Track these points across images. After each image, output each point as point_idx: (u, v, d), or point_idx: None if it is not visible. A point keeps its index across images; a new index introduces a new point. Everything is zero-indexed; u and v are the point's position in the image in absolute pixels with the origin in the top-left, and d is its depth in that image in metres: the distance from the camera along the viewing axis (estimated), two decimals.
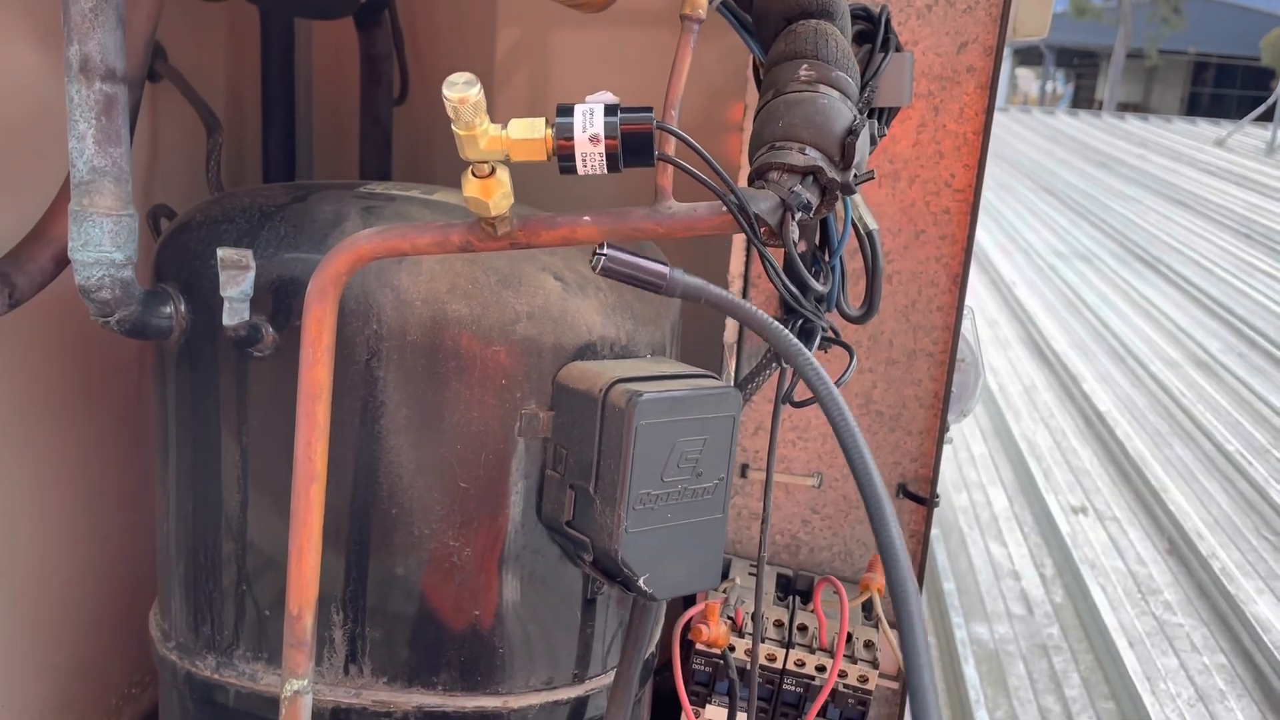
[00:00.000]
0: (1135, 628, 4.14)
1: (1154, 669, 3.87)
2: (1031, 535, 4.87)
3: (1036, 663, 3.90)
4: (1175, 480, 5.44)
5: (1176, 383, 6.94)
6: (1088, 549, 4.74)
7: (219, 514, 1.23)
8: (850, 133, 0.99)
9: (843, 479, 1.52)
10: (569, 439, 1.15)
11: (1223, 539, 4.86)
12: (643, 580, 1.12)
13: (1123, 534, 4.93)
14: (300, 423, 1.04)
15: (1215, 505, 5.19)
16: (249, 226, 1.18)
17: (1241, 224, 12.79)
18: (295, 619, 1.09)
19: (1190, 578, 4.58)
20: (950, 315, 1.43)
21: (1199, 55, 39.09)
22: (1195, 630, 4.17)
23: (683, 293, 0.95)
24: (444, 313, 1.13)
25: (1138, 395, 6.72)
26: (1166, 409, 6.49)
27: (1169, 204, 14.17)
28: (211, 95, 1.85)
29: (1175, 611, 4.30)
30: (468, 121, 0.89)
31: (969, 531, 4.87)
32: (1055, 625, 4.15)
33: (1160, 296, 9.28)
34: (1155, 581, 4.53)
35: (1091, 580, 4.44)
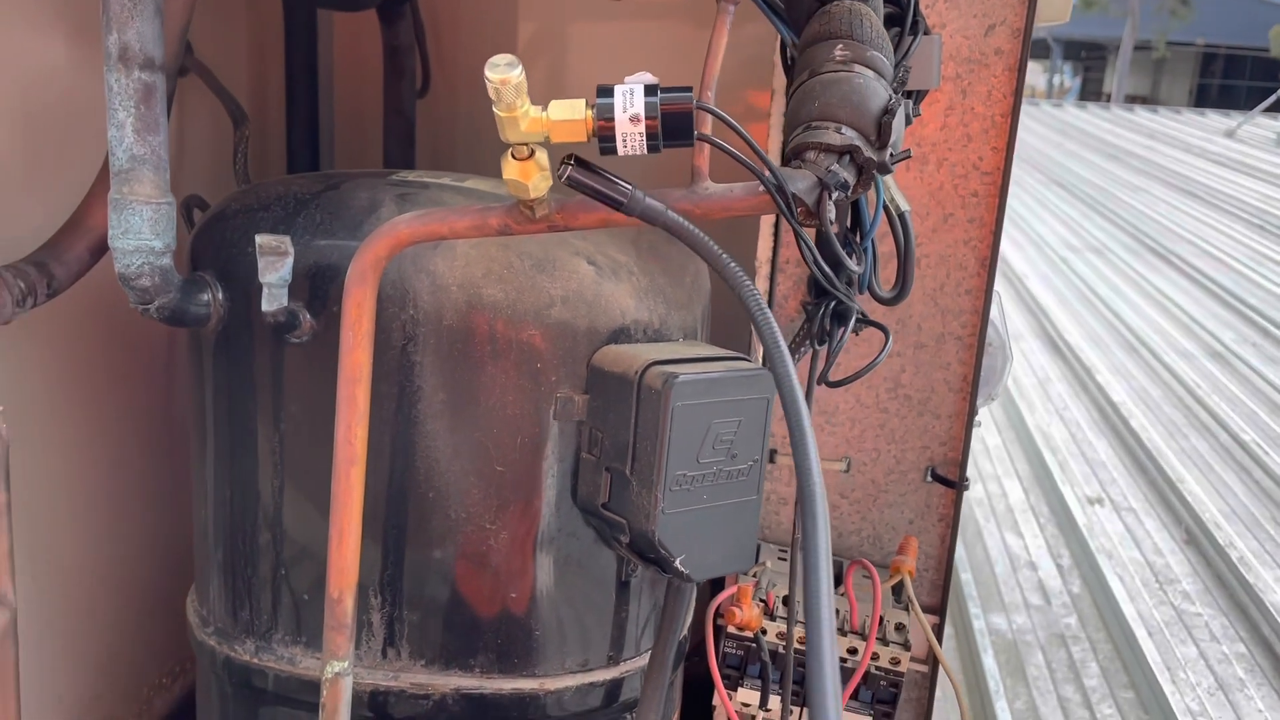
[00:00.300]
0: (1154, 617, 4.13)
1: (1173, 658, 3.86)
2: (1048, 526, 4.87)
3: (1055, 653, 3.90)
4: (1191, 471, 5.42)
5: (1191, 374, 6.92)
6: (1104, 539, 4.73)
7: (256, 500, 1.24)
8: (887, 112, 0.99)
9: (871, 463, 1.53)
10: (604, 422, 1.16)
11: (1240, 528, 4.84)
12: (679, 561, 1.13)
13: (1139, 524, 4.92)
14: (340, 406, 1.05)
15: (1232, 495, 5.18)
16: (284, 214, 1.19)
17: (1254, 215, 12.73)
18: (336, 602, 1.09)
19: (1208, 567, 4.57)
20: (979, 298, 1.43)
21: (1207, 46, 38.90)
22: (1214, 619, 4.16)
23: (642, 213, 0.94)
24: (479, 297, 1.14)
25: (1152, 386, 6.70)
26: (1181, 400, 6.47)
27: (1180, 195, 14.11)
28: (234, 88, 1.86)
29: (1193, 601, 4.29)
30: (509, 103, 0.89)
31: (985, 523, 4.86)
32: (1073, 615, 4.15)
33: (1173, 288, 9.25)
34: (1173, 571, 4.52)
35: (1109, 570, 4.43)
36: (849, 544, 1.56)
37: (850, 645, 1.41)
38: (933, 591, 1.55)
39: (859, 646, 1.41)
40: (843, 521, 1.56)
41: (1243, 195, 14.10)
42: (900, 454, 1.51)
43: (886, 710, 1.42)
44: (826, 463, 1.54)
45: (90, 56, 1.40)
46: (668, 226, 0.94)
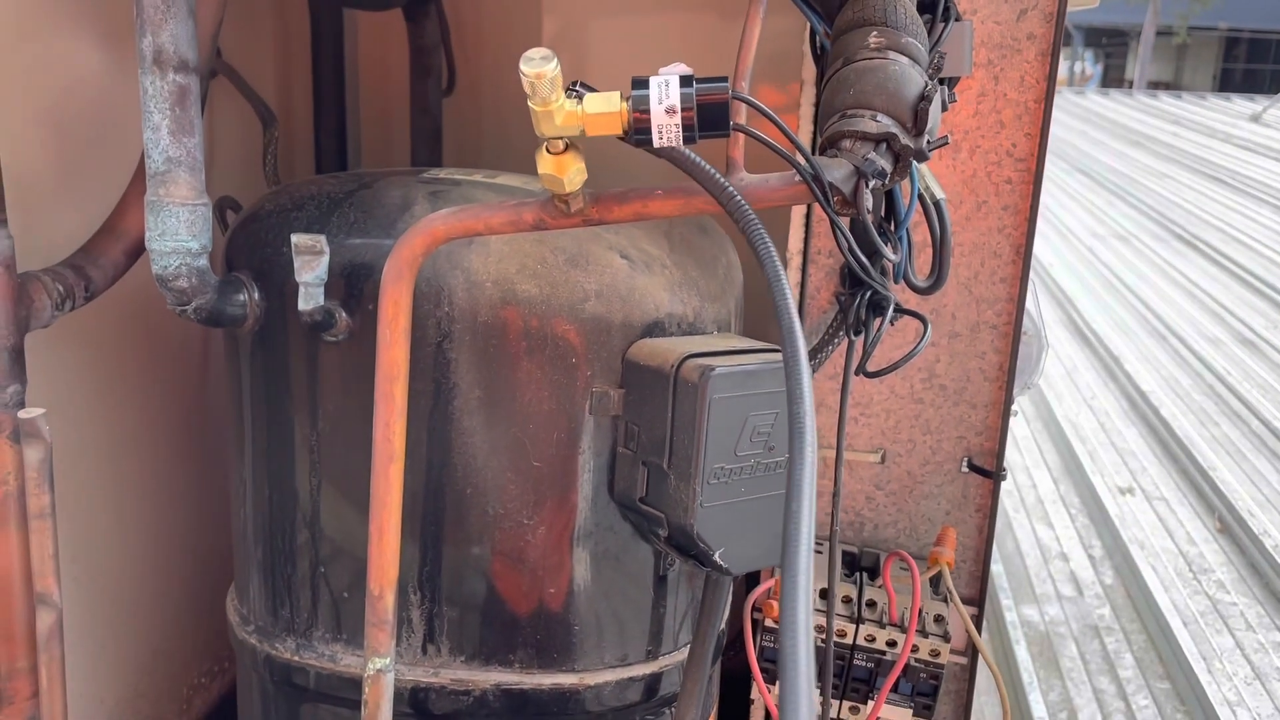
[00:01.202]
0: (1188, 607, 4.09)
1: (1209, 648, 3.82)
2: (1079, 517, 4.83)
3: (1089, 644, 3.87)
4: (1223, 459, 5.36)
5: (1220, 360, 6.84)
6: (1136, 529, 4.68)
7: (295, 498, 1.24)
8: (923, 98, 0.98)
9: (906, 454, 1.51)
10: (640, 416, 1.15)
11: (1274, 516, 4.78)
12: (718, 554, 1.12)
13: (1171, 514, 4.87)
14: (379, 403, 1.05)
15: (1265, 483, 5.11)
16: (319, 214, 1.19)
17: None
18: (376, 598, 1.10)
19: (1242, 556, 4.52)
20: (1014, 286, 1.42)
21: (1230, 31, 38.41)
22: (1249, 609, 4.11)
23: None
24: (514, 293, 1.14)
25: (1181, 374, 6.63)
26: (1211, 387, 6.40)
27: (1206, 180, 13.95)
28: (261, 89, 1.87)
29: (1228, 590, 4.24)
30: (544, 97, 0.89)
31: (1015, 514, 4.82)
32: (1106, 606, 4.12)
33: (1200, 274, 9.14)
34: (1207, 561, 4.47)
35: (1142, 560, 4.39)
36: (885, 536, 1.56)
37: (890, 637, 1.41)
38: (971, 583, 1.54)
39: (898, 639, 1.40)
40: (879, 514, 1.55)
41: (1269, 180, 13.91)
42: (936, 444, 1.50)
43: (927, 703, 1.41)
44: (861, 454, 1.53)
45: (122, 61, 1.41)
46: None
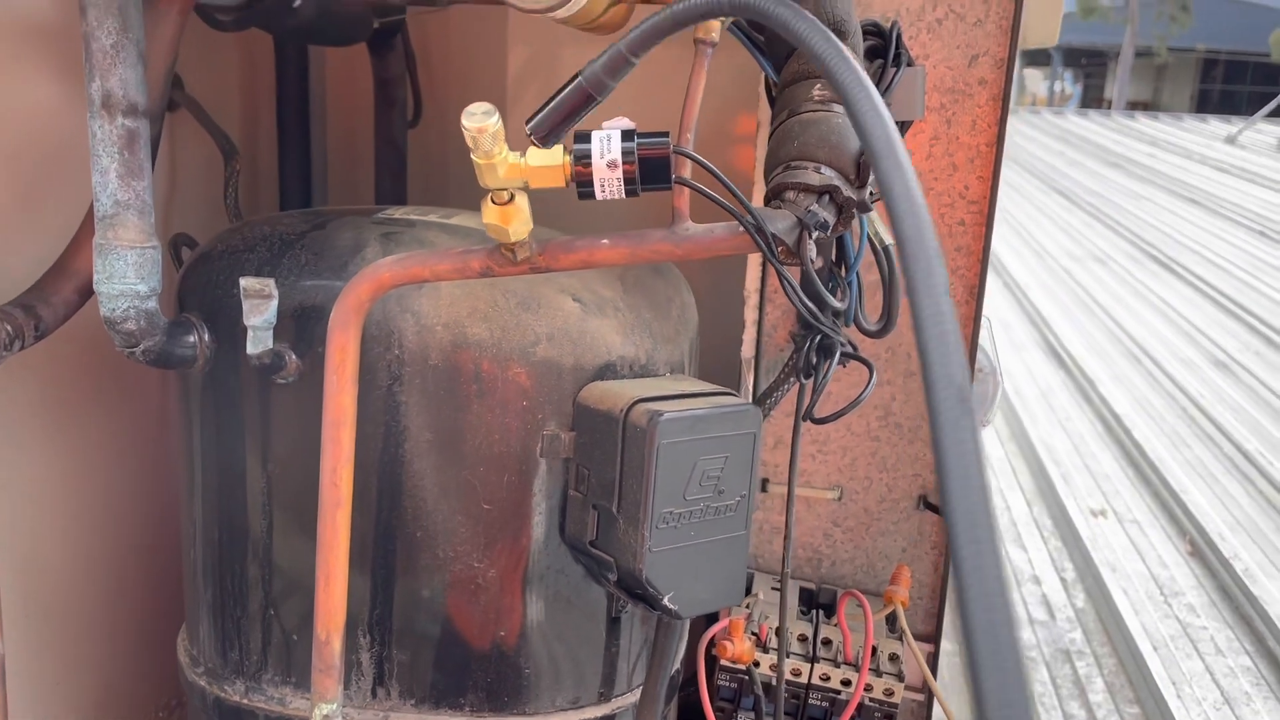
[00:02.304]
0: (1159, 631, 4.11)
1: (1179, 673, 3.85)
2: (1051, 539, 4.85)
3: (1060, 668, 3.88)
4: (1195, 481, 5.41)
5: (1194, 383, 6.91)
6: (1108, 552, 4.71)
7: (244, 540, 1.24)
8: (865, 151, 0.99)
9: (863, 491, 1.52)
10: (591, 459, 1.16)
11: (1245, 539, 4.82)
12: (667, 599, 1.13)
13: (1143, 536, 4.90)
14: (325, 449, 1.05)
15: (1236, 506, 5.16)
16: (270, 255, 1.19)
17: (1256, 221, 12.72)
18: (323, 644, 1.10)
19: (1213, 579, 4.55)
20: (968, 326, 1.43)
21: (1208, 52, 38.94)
22: (1219, 633, 4.14)
23: (605, 74, 0.86)
24: (464, 336, 1.14)
25: (1155, 396, 6.69)
26: (1185, 410, 6.46)
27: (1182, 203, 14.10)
28: (226, 122, 1.87)
29: (1199, 614, 4.27)
30: (486, 150, 0.89)
31: None
32: (1078, 630, 4.13)
33: (1175, 296, 9.24)
34: (1178, 584, 4.50)
35: (1113, 584, 4.42)
36: (843, 572, 1.56)
37: (844, 676, 1.41)
38: (927, 620, 1.54)
39: (853, 678, 1.40)
40: (836, 550, 1.56)
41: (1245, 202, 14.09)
42: (892, 482, 1.51)
43: None
44: (818, 491, 1.53)
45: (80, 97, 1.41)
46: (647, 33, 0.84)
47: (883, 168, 0.66)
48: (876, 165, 0.67)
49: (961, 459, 0.55)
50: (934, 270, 0.61)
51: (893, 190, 0.65)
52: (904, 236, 0.63)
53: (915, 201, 0.64)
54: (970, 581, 0.52)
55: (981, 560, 0.52)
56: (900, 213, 0.63)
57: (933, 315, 0.59)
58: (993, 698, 0.50)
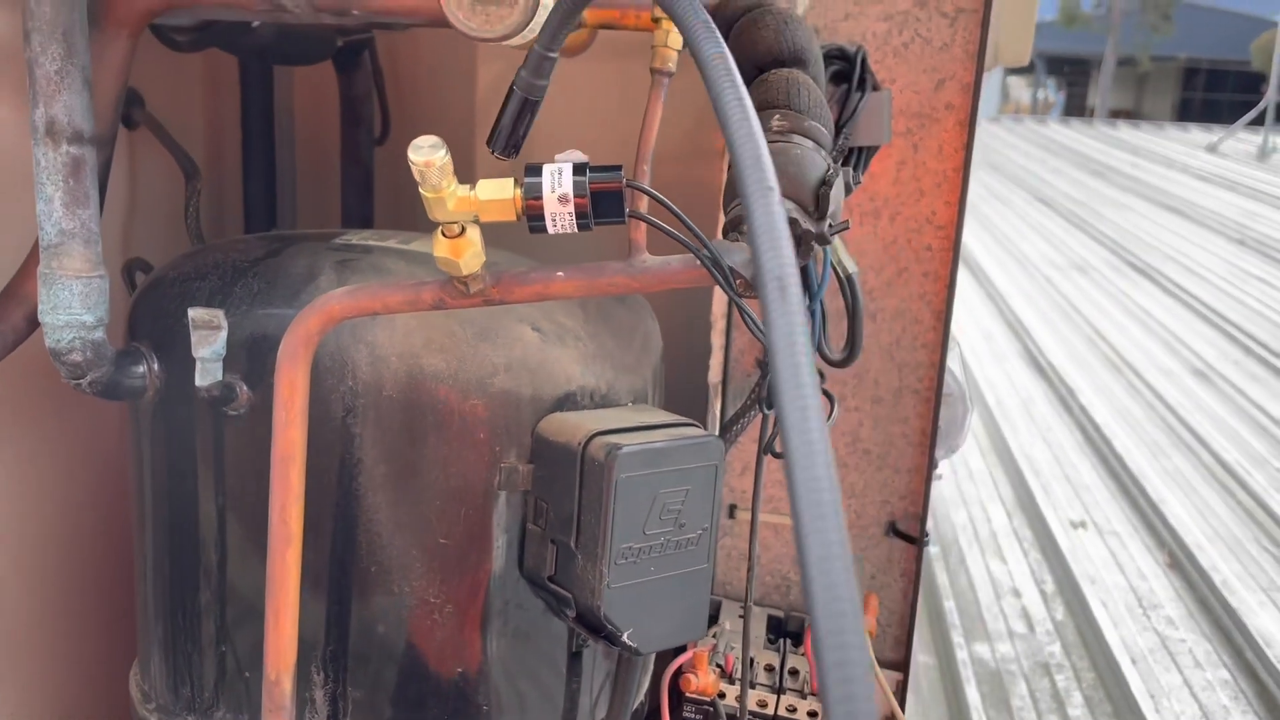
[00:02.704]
0: (1137, 644, 4.11)
1: (1157, 686, 3.85)
2: (1031, 551, 4.85)
3: (1039, 682, 3.88)
4: (1175, 492, 5.42)
5: (1174, 392, 6.94)
6: (1088, 564, 4.71)
7: (196, 573, 1.21)
8: (824, 183, 0.98)
9: None
10: (549, 492, 1.14)
11: (1223, 551, 4.84)
12: (627, 635, 1.11)
13: (1123, 548, 4.91)
14: (274, 486, 1.02)
15: (1215, 517, 5.17)
16: (221, 283, 1.17)
17: (1235, 230, 12.81)
18: (273, 684, 1.07)
19: (1191, 591, 4.56)
20: (935, 352, 1.42)
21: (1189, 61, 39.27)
22: (1198, 645, 4.14)
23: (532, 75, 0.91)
24: (420, 368, 1.12)
25: (1135, 406, 6.71)
26: (1164, 419, 6.48)
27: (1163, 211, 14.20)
28: (191, 141, 1.84)
29: (1177, 626, 4.27)
30: (435, 184, 0.88)
31: (968, 549, 4.84)
32: (1057, 643, 4.13)
33: (1156, 305, 9.29)
34: (1156, 596, 4.50)
35: (1092, 596, 4.42)
36: None
37: (811, 708, 1.39)
38: (896, 647, 1.53)
39: (819, 709, 1.38)
40: None
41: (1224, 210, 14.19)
42: (861, 509, 1.49)
43: None
44: (786, 517, 1.51)
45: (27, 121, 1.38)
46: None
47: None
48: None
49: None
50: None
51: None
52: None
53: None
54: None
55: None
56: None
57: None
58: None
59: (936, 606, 4.34)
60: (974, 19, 1.32)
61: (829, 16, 1.35)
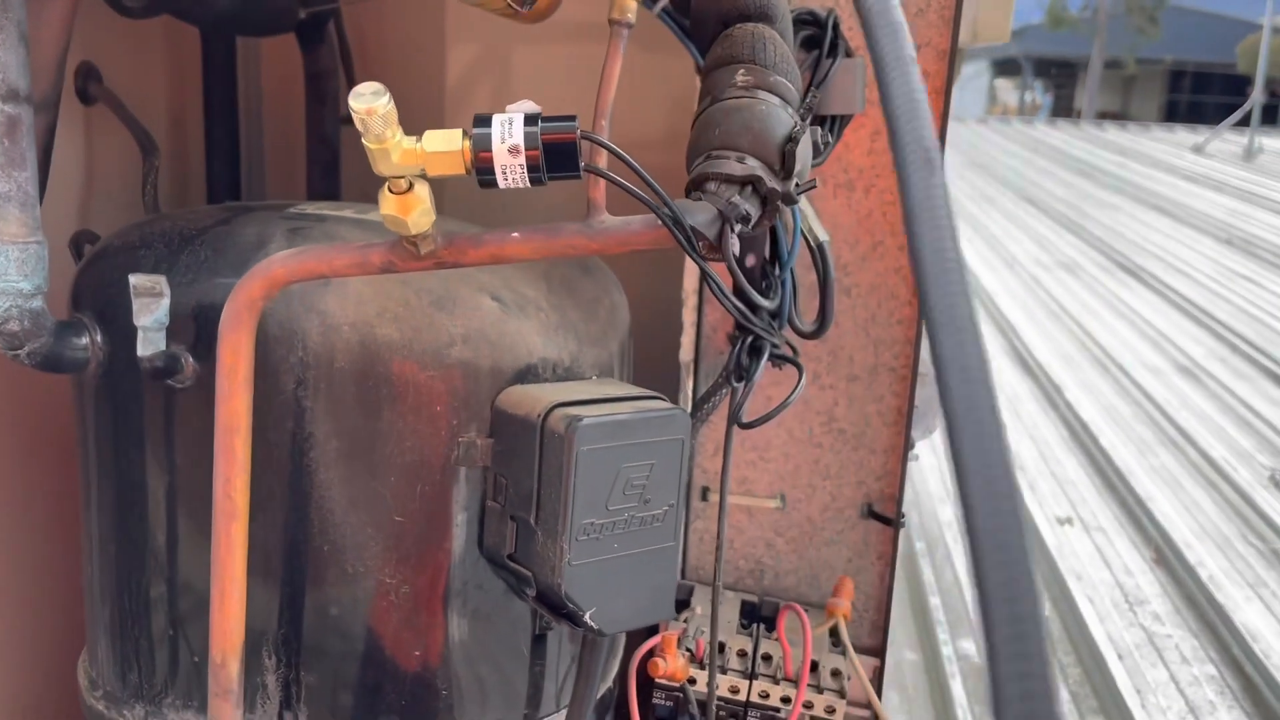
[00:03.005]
0: (1124, 639, 4.08)
1: (1143, 681, 3.82)
2: None
3: None
4: (1161, 488, 5.40)
5: (1160, 390, 6.92)
6: (1074, 560, 4.69)
7: (144, 555, 1.16)
8: (790, 140, 0.94)
9: (806, 500, 1.46)
10: (508, 467, 1.09)
11: (1210, 547, 4.81)
12: (589, 615, 1.06)
13: (1109, 544, 4.88)
14: (218, 458, 0.98)
15: (1201, 513, 5.15)
16: (168, 252, 1.12)
17: (1221, 229, 12.84)
18: (220, 666, 1.03)
19: (1178, 587, 4.53)
20: (911, 328, 1.38)
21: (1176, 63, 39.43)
22: (1184, 641, 4.12)
23: None
24: (373, 337, 1.07)
25: (1121, 403, 6.70)
26: (1151, 416, 6.46)
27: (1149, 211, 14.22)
28: (153, 117, 1.79)
29: (1164, 622, 4.25)
30: (378, 134, 0.83)
31: (954, 546, 4.81)
32: None
33: (1142, 303, 9.29)
34: (1143, 592, 4.48)
35: (1078, 592, 4.39)
36: (786, 585, 1.50)
37: (784, 694, 1.35)
38: (874, 633, 1.49)
39: (794, 695, 1.34)
40: (779, 561, 1.50)
41: (1210, 210, 14.22)
42: (836, 490, 1.45)
43: None
44: (760, 499, 1.47)
45: None
46: None
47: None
48: None
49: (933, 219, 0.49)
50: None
51: None
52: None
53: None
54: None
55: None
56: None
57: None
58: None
59: (922, 602, 4.31)
60: None
61: None
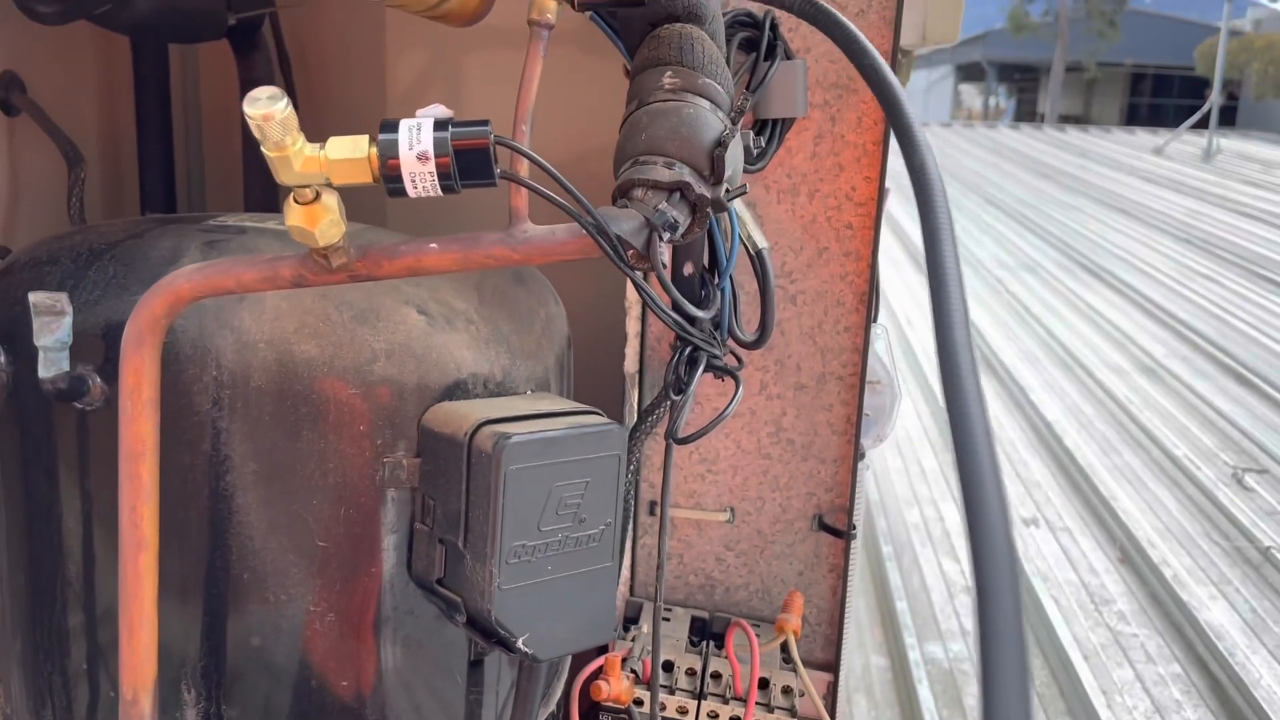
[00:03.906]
0: (1089, 640, 4.09)
1: (1109, 682, 3.82)
2: None
3: None
4: (1125, 487, 5.43)
5: (1123, 389, 6.97)
6: (1040, 561, 4.70)
7: (54, 586, 1.11)
8: (719, 144, 0.90)
9: (755, 513, 1.43)
10: (436, 488, 1.05)
11: (1173, 545, 4.84)
12: (522, 641, 1.02)
13: (1074, 544, 4.89)
14: (123, 485, 0.93)
15: (1165, 511, 5.18)
16: (75, 268, 1.07)
17: (1181, 229, 12.99)
18: (130, 703, 0.97)
19: (1143, 586, 4.55)
20: (859, 335, 1.35)
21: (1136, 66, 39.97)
22: (1149, 640, 4.13)
23: None
24: (291, 354, 1.03)
25: (1085, 403, 6.74)
26: (1114, 416, 6.50)
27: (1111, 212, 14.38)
28: (83, 127, 1.73)
29: (1129, 621, 4.26)
30: (276, 141, 0.79)
31: (921, 549, 4.80)
32: None
33: (1104, 304, 9.36)
34: (1108, 591, 4.49)
35: (1044, 593, 4.40)
36: (737, 599, 1.46)
37: (734, 713, 1.31)
38: (826, 647, 1.45)
39: (742, 714, 1.30)
40: (730, 576, 1.46)
41: (1170, 210, 14.40)
42: (786, 502, 1.42)
43: None
44: (709, 513, 1.44)
45: None
46: None
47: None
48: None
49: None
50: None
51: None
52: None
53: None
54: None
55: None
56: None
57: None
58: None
59: (889, 607, 4.29)
60: None
61: None
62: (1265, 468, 5.67)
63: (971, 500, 0.51)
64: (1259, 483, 5.47)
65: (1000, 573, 0.49)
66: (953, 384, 0.50)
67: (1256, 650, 4.00)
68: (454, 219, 1.70)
